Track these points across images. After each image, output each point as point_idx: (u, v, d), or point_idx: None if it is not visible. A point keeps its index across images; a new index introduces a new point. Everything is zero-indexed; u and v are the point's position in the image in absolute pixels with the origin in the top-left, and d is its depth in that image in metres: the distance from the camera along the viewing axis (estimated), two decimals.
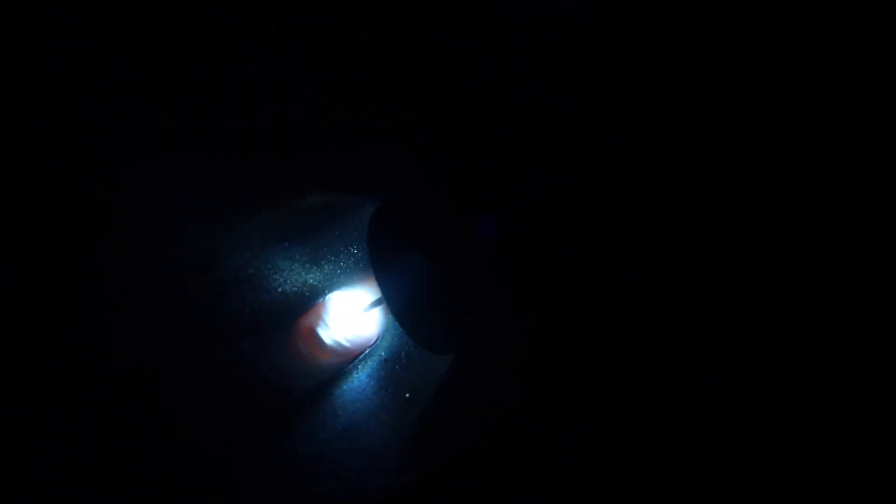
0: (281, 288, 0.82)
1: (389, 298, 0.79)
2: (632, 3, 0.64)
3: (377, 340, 0.87)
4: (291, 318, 0.83)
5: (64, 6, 0.61)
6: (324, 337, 0.83)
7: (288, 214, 0.84)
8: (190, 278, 0.77)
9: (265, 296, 0.81)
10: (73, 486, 0.64)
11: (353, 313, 0.85)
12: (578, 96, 0.67)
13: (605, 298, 0.68)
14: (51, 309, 0.66)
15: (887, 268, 0.56)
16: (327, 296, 0.86)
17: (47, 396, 0.64)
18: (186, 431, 0.73)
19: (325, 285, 0.86)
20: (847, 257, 0.57)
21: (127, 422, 0.69)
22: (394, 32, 0.72)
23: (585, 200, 0.67)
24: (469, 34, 0.70)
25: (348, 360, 0.85)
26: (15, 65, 0.60)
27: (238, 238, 0.80)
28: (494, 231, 0.69)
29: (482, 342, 0.75)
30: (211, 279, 0.79)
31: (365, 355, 0.85)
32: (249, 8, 0.68)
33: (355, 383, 0.83)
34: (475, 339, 0.75)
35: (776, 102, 0.59)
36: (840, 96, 0.57)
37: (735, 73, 0.60)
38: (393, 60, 0.75)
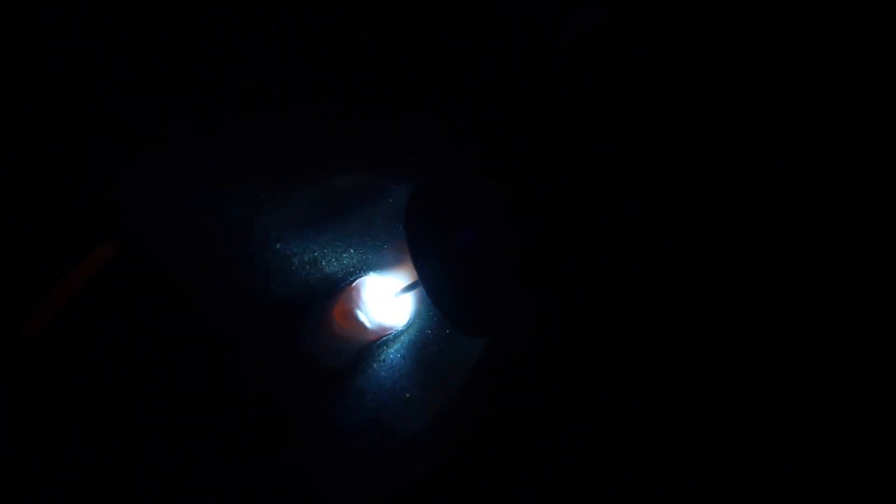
0: (316, 267, 0.83)
1: (426, 280, 0.79)
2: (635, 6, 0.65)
3: (409, 323, 0.87)
4: (325, 298, 0.84)
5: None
6: (357, 316, 0.84)
7: (325, 195, 0.84)
8: (229, 255, 0.78)
9: (300, 273, 0.82)
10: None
11: (387, 295, 0.86)
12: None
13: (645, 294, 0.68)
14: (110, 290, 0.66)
15: (887, 268, 0.56)
16: (361, 277, 0.86)
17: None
18: (222, 407, 0.73)
19: (360, 267, 0.86)
20: (855, 258, 0.57)
21: (169, 403, 0.69)
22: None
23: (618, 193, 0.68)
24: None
25: (379, 340, 0.85)
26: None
27: (276, 217, 0.80)
28: (536, 217, 0.70)
29: (520, 326, 0.76)
30: (248, 257, 0.79)
31: (396, 335, 0.86)
32: None
33: (387, 363, 0.83)
34: (513, 323, 0.75)
35: (779, 103, 0.59)
36: (844, 95, 0.57)
37: (742, 74, 0.61)
38: (436, 48, 0.76)
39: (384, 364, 0.83)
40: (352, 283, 0.88)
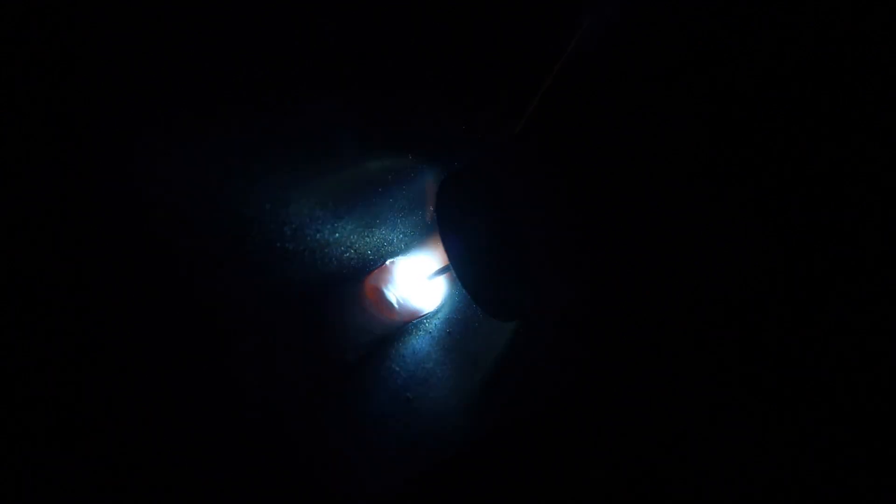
0: (349, 248, 0.83)
1: (457, 264, 0.79)
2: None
3: (439, 306, 0.87)
4: (358, 277, 0.84)
5: None
6: (389, 296, 0.84)
7: (356, 178, 0.84)
8: (262, 235, 0.79)
9: (334, 253, 0.82)
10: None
11: (418, 277, 0.86)
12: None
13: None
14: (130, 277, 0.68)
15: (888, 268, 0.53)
16: (394, 258, 0.87)
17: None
18: (258, 385, 0.75)
19: (392, 249, 0.87)
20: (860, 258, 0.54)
21: (200, 378, 0.71)
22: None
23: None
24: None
25: (410, 321, 0.86)
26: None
27: (309, 199, 0.81)
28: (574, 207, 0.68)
29: (550, 312, 0.74)
30: (282, 237, 0.80)
31: (427, 318, 0.86)
32: None
33: (416, 345, 0.83)
34: (543, 309, 0.74)
35: (786, 103, 0.56)
36: (849, 95, 0.54)
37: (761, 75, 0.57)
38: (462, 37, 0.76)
39: (412, 347, 0.84)
40: (384, 264, 0.88)
